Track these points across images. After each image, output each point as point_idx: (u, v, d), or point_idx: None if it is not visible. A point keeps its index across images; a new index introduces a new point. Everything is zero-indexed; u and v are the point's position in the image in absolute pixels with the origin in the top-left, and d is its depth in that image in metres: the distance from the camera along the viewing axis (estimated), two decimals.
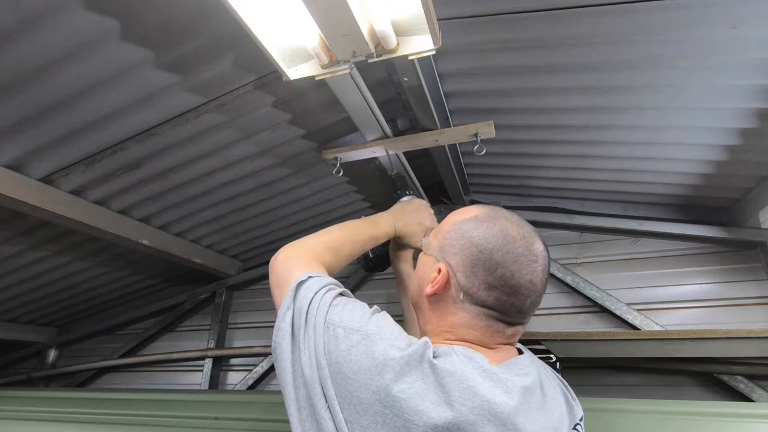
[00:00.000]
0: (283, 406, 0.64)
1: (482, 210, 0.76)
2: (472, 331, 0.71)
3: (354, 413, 0.56)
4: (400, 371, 0.57)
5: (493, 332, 0.71)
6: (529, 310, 0.71)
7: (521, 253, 0.69)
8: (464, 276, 0.70)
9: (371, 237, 1.01)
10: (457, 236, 0.74)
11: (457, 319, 0.71)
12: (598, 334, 1.51)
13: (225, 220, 1.90)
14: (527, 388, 0.64)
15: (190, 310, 2.47)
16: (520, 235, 0.71)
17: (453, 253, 0.73)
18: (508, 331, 0.72)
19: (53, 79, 1.08)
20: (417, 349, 0.60)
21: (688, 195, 1.59)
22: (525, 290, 0.69)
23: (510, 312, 0.70)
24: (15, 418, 1.78)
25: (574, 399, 0.77)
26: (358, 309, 0.67)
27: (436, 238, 0.78)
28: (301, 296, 0.69)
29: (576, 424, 0.72)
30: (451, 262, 0.72)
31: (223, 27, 1.02)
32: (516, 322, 0.72)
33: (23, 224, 1.65)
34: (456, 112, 1.41)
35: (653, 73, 1.11)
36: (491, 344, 0.71)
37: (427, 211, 1.16)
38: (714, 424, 1.08)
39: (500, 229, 0.71)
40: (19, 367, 2.88)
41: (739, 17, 0.91)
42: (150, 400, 1.70)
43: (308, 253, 0.84)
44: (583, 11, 0.95)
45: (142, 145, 1.35)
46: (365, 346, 0.60)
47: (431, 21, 0.84)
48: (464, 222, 0.75)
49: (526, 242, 0.70)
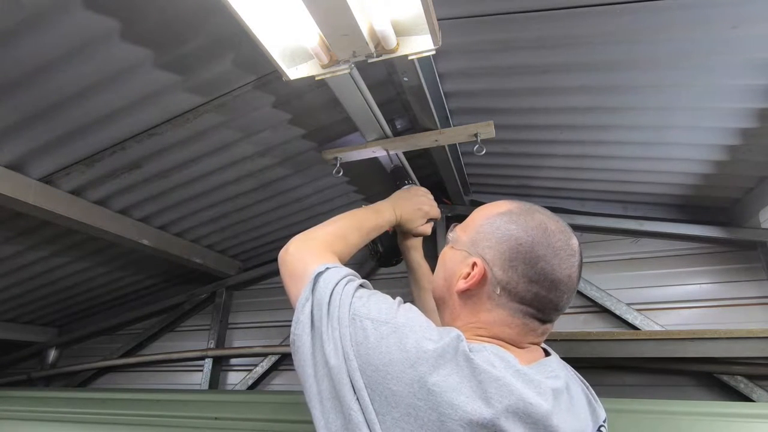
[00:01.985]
0: (282, 407, 0.64)
1: (515, 204, 0.74)
2: (506, 329, 0.69)
3: (385, 405, 0.55)
4: (435, 364, 0.56)
5: (527, 331, 0.69)
6: (563, 306, 0.69)
7: (561, 247, 0.67)
8: (501, 270, 0.68)
9: (376, 225, 1.01)
10: (492, 229, 0.71)
11: (492, 317, 0.69)
12: (598, 334, 1.51)
13: (225, 220, 1.90)
14: (557, 390, 0.62)
15: (190, 310, 2.48)
16: (558, 229, 0.69)
17: (488, 247, 0.70)
18: (539, 330, 0.70)
19: (53, 79, 1.08)
20: (451, 341, 0.58)
21: (688, 195, 1.59)
22: (563, 286, 0.67)
23: (546, 309, 0.68)
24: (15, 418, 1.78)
25: (596, 400, 0.75)
26: (383, 300, 0.66)
27: (465, 232, 0.76)
28: (321, 288, 0.67)
29: (600, 426, 0.71)
30: (486, 257, 0.69)
31: (223, 27, 1.02)
32: (548, 319, 0.70)
33: (23, 224, 1.65)
34: (456, 112, 1.41)
35: (653, 73, 1.11)
36: (522, 343, 0.69)
37: (426, 197, 1.16)
38: (714, 424, 1.08)
39: (539, 222, 0.69)
40: (19, 367, 2.88)
41: (739, 17, 0.91)
42: (150, 400, 1.70)
43: (320, 243, 0.83)
44: (583, 11, 0.95)
45: (142, 145, 1.35)
46: (396, 338, 0.59)
47: (431, 21, 0.83)
48: (499, 215, 0.72)
49: (564, 236, 0.69)
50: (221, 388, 2.22)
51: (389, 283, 2.06)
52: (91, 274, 2.14)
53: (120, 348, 2.53)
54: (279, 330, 2.22)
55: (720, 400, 1.44)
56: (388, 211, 1.07)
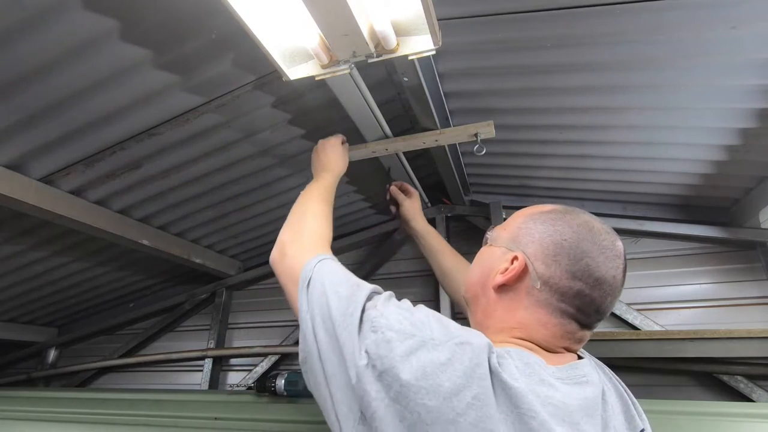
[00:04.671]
0: (283, 407, 0.64)
1: (558, 206, 0.74)
2: (542, 330, 0.66)
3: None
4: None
5: (564, 333, 0.66)
6: (606, 310, 0.67)
7: (607, 246, 0.66)
8: (544, 264, 0.66)
9: (325, 193, 1.08)
10: (534, 225, 0.71)
11: (529, 315, 0.67)
12: (598, 334, 1.51)
13: (225, 220, 1.90)
14: (587, 399, 0.59)
15: (190, 310, 2.47)
16: (605, 229, 0.69)
17: (530, 242, 0.69)
18: (577, 335, 0.67)
19: (53, 79, 1.08)
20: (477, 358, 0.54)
21: (688, 195, 1.59)
22: (607, 286, 0.65)
23: (588, 309, 0.65)
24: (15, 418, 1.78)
25: (635, 407, 0.71)
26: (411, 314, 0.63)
27: (505, 230, 0.75)
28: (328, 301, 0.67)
29: None
30: (527, 251, 0.68)
31: (223, 27, 1.02)
32: (588, 324, 0.67)
33: (23, 224, 1.65)
34: (456, 112, 1.41)
35: (653, 73, 1.11)
36: (557, 348, 0.67)
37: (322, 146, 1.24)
38: (714, 424, 1.08)
39: (585, 221, 0.69)
40: (19, 367, 2.87)
41: (739, 17, 0.92)
42: (150, 400, 1.70)
43: (312, 242, 0.88)
44: (583, 11, 0.95)
45: (142, 145, 1.35)
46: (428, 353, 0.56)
47: (431, 21, 0.84)
48: (542, 214, 0.72)
49: (611, 237, 0.68)
50: (221, 388, 2.22)
51: (389, 283, 2.06)
52: (91, 274, 2.14)
53: (120, 348, 2.53)
54: (279, 330, 2.22)
55: (720, 400, 1.44)
56: (319, 178, 1.14)
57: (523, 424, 0.50)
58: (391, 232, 2.08)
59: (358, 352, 0.57)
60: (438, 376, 0.52)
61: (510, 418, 0.51)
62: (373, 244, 2.16)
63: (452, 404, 0.50)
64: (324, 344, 0.63)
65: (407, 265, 2.08)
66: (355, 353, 0.57)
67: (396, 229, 2.06)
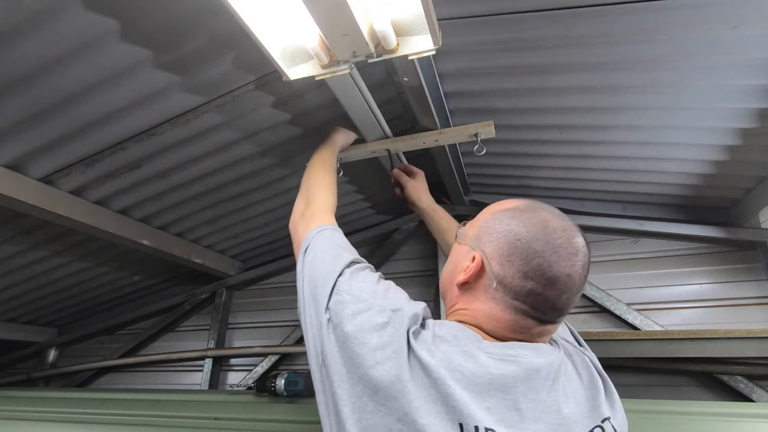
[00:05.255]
0: (283, 407, 0.66)
1: (522, 202, 0.76)
2: (493, 322, 0.70)
3: None
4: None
5: (517, 328, 0.69)
6: (563, 307, 0.69)
7: (561, 245, 0.67)
8: (499, 264, 0.69)
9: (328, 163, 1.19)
10: (494, 224, 0.73)
11: (484, 308, 0.70)
12: (598, 334, 1.51)
13: (225, 220, 1.90)
14: (505, 375, 0.62)
15: (190, 310, 2.47)
16: (561, 227, 0.69)
17: (489, 242, 0.72)
18: (535, 329, 0.69)
19: (53, 79, 1.08)
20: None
21: (687, 195, 1.59)
22: (561, 284, 0.66)
23: (542, 307, 0.67)
24: (15, 418, 1.78)
25: (610, 399, 0.73)
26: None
27: (472, 228, 0.78)
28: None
29: (596, 426, 0.67)
30: (486, 250, 0.71)
31: (223, 27, 1.01)
32: (547, 319, 0.69)
33: (23, 224, 1.65)
34: (456, 112, 1.41)
35: (653, 73, 1.11)
36: (507, 338, 0.70)
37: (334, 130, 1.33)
38: (714, 424, 1.08)
39: (541, 219, 0.70)
40: (19, 367, 2.88)
41: (739, 17, 0.91)
42: (150, 400, 1.70)
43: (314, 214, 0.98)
44: (583, 11, 0.95)
45: (142, 145, 1.35)
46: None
47: (431, 21, 0.83)
48: (503, 212, 0.74)
49: (567, 234, 0.68)
50: (221, 388, 2.22)
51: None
52: (91, 274, 2.14)
53: (120, 348, 2.53)
54: (279, 330, 2.22)
55: (720, 400, 1.44)
56: (323, 148, 1.25)
57: (426, 375, 0.62)
58: (391, 232, 2.08)
59: (324, 309, 0.72)
60: (371, 332, 0.66)
61: (414, 367, 0.62)
62: (373, 244, 2.16)
63: (375, 355, 0.63)
64: (307, 300, 0.77)
65: (407, 265, 2.08)
66: (322, 310, 0.72)
67: (396, 229, 2.06)
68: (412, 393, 0.60)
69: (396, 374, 0.61)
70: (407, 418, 0.58)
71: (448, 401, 0.59)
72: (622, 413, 0.74)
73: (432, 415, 0.58)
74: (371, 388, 0.62)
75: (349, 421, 0.61)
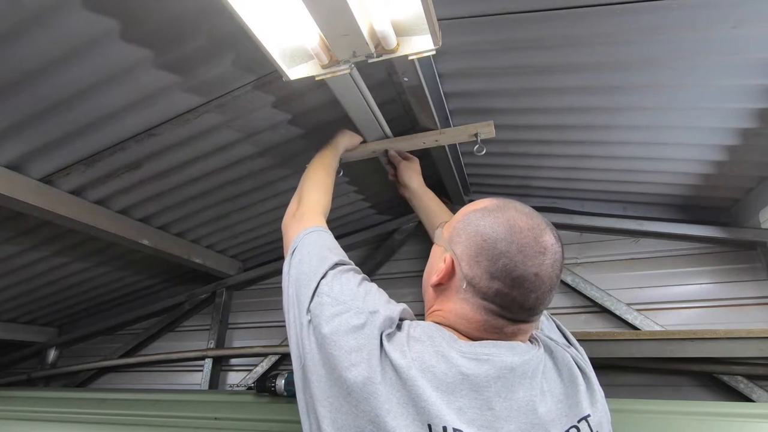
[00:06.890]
0: (282, 407, 0.67)
1: (493, 201, 0.76)
2: (464, 322, 0.71)
3: None
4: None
5: (489, 327, 0.69)
6: (534, 306, 0.68)
7: (527, 244, 0.67)
8: (468, 265, 0.70)
9: (328, 164, 1.21)
10: (464, 226, 0.74)
11: (456, 308, 0.71)
12: (598, 334, 1.51)
13: (225, 220, 1.90)
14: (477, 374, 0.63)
15: (190, 310, 2.47)
16: (528, 226, 0.69)
17: (459, 243, 0.73)
18: (508, 329, 0.69)
19: (53, 79, 1.08)
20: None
21: (688, 195, 1.59)
22: (529, 284, 0.66)
23: (511, 307, 0.68)
24: (15, 418, 1.78)
25: (592, 397, 0.72)
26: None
27: (447, 229, 0.79)
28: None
29: (572, 427, 0.67)
30: (456, 252, 0.72)
31: (223, 27, 1.01)
32: (518, 319, 0.69)
33: (23, 224, 1.65)
34: (456, 112, 1.41)
35: (653, 73, 1.11)
36: (480, 338, 0.70)
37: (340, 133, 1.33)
38: (714, 424, 1.08)
39: (507, 219, 0.70)
40: (19, 367, 2.88)
41: (739, 17, 0.91)
42: (150, 400, 1.70)
43: (304, 216, 0.98)
44: (583, 11, 0.95)
45: (142, 145, 1.35)
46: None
47: (431, 21, 0.83)
48: (473, 212, 0.75)
49: (534, 233, 0.68)
50: (221, 388, 2.22)
51: (389, 283, 2.06)
52: (91, 274, 2.14)
53: (120, 348, 2.53)
54: (279, 330, 2.22)
55: (720, 400, 1.44)
56: (327, 151, 1.26)
57: (398, 377, 0.63)
58: (391, 232, 2.08)
59: (306, 310, 0.73)
60: (347, 335, 0.67)
61: (386, 369, 0.63)
62: (373, 244, 2.15)
63: (350, 357, 0.65)
64: (291, 300, 0.79)
65: (407, 265, 2.08)
66: (304, 311, 0.74)
67: (396, 229, 2.06)
68: (383, 395, 0.61)
69: (367, 376, 0.62)
70: (378, 420, 0.59)
71: (417, 402, 0.60)
72: (605, 408, 0.74)
73: (402, 416, 0.59)
74: (345, 389, 0.63)
75: (326, 421, 0.63)
